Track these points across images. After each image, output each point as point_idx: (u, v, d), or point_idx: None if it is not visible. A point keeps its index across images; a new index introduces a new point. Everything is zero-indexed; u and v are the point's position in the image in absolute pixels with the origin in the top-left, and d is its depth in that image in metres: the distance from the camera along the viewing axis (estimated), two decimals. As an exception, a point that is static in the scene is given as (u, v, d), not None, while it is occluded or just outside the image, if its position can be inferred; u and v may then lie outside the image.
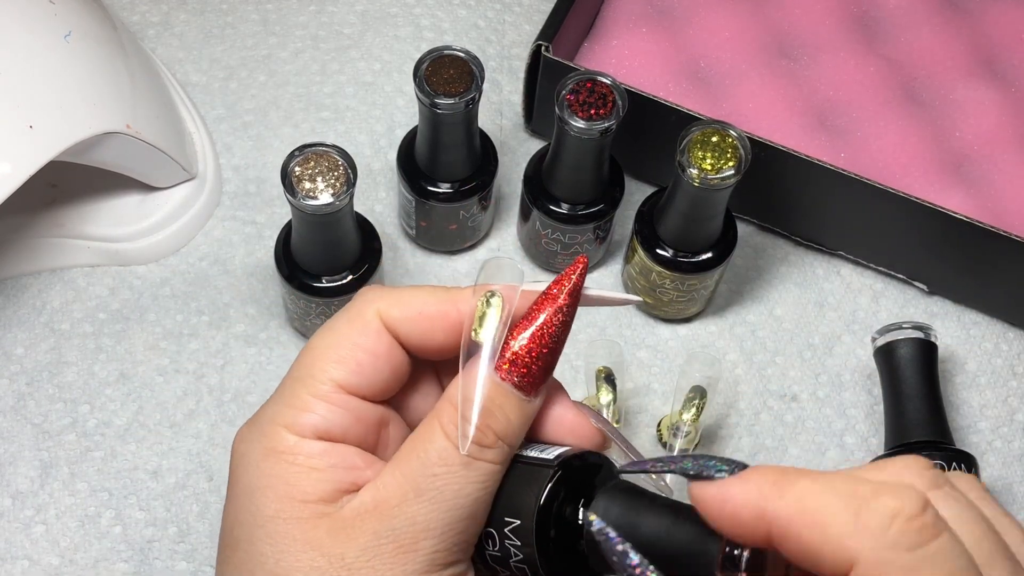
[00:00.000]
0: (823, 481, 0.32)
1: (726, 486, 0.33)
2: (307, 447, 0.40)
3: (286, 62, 0.76)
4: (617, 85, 0.61)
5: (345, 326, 0.41)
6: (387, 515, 0.38)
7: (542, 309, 0.40)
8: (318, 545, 0.38)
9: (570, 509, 0.40)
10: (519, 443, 0.41)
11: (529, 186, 0.67)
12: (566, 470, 0.40)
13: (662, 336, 0.70)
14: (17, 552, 0.63)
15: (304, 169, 0.58)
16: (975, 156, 0.72)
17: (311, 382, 0.40)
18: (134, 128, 0.63)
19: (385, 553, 0.38)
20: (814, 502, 0.32)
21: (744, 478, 0.33)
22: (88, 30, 0.64)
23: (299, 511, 0.39)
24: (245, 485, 0.40)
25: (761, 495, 0.33)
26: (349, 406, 0.40)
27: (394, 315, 0.41)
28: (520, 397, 0.40)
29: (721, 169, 0.60)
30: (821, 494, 0.32)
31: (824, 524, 0.32)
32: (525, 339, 0.40)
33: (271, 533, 0.39)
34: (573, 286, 0.40)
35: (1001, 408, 0.70)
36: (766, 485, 0.33)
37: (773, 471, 0.33)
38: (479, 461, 0.39)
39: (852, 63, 0.74)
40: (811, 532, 0.32)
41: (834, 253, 0.73)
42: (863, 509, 0.31)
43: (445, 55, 0.61)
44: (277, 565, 0.38)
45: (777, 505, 0.32)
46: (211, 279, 0.70)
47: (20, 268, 0.69)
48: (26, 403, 0.66)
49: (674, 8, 0.76)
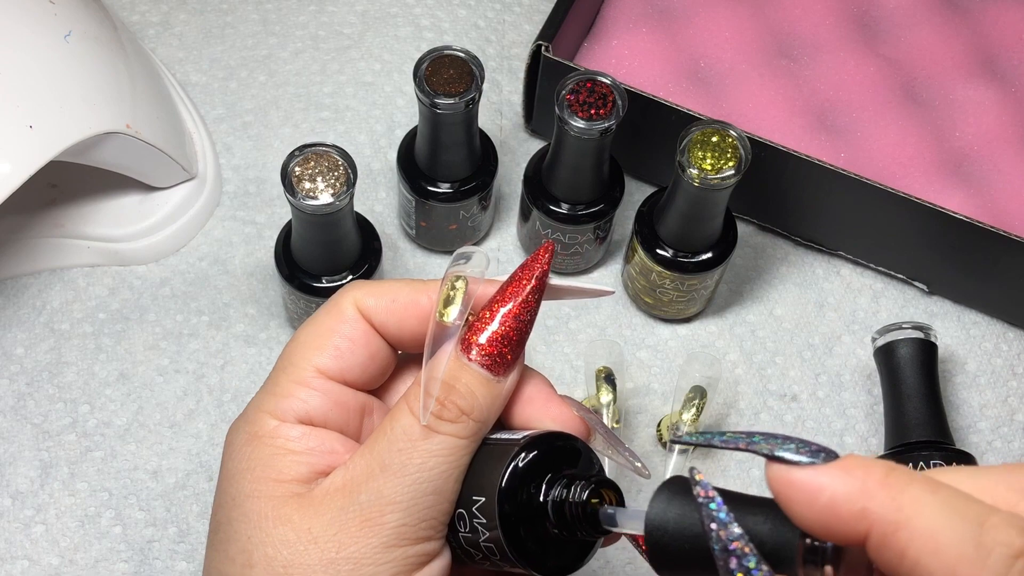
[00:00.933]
0: (942, 496, 0.30)
1: (824, 474, 0.31)
2: (287, 431, 0.41)
3: (286, 62, 0.76)
4: (617, 85, 0.61)
5: (324, 316, 0.43)
6: (354, 491, 0.40)
7: (508, 292, 0.42)
8: (287, 520, 0.39)
9: (535, 486, 0.40)
10: (489, 421, 0.41)
11: (529, 186, 0.67)
12: (532, 446, 0.40)
13: (662, 336, 0.70)
14: (17, 552, 0.63)
15: (304, 169, 0.58)
16: (975, 156, 0.72)
17: (292, 370, 0.42)
18: (134, 128, 0.63)
19: (351, 526, 0.39)
20: (931, 519, 0.29)
21: (846, 469, 0.31)
22: (88, 30, 0.64)
23: (273, 490, 0.40)
24: (229, 469, 0.42)
25: (866, 492, 0.30)
26: (329, 391, 0.42)
27: (369, 304, 0.42)
28: (487, 376, 0.41)
29: (721, 169, 0.60)
30: (940, 511, 0.29)
31: (940, 546, 0.29)
32: (490, 320, 0.41)
33: (246, 512, 0.40)
34: (540, 270, 0.42)
35: (1001, 408, 0.70)
36: (873, 482, 0.30)
37: (879, 466, 0.31)
38: (441, 435, 0.40)
39: (852, 63, 0.74)
40: (922, 549, 0.29)
41: (834, 253, 0.73)
42: (984, 540, 0.29)
43: (445, 55, 0.61)
44: (249, 541, 0.40)
45: (887, 508, 0.30)
46: (211, 279, 0.70)
47: (20, 268, 0.69)
48: (26, 403, 0.66)
49: (674, 8, 0.76)
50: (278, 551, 0.39)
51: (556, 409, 0.43)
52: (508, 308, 0.41)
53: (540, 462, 0.40)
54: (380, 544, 0.39)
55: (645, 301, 0.69)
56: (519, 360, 0.42)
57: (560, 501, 0.40)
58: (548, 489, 0.40)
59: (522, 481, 0.40)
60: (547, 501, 0.40)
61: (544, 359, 0.69)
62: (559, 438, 0.41)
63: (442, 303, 0.41)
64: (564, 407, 0.43)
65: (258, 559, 0.39)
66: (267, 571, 0.39)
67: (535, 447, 0.40)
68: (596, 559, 0.64)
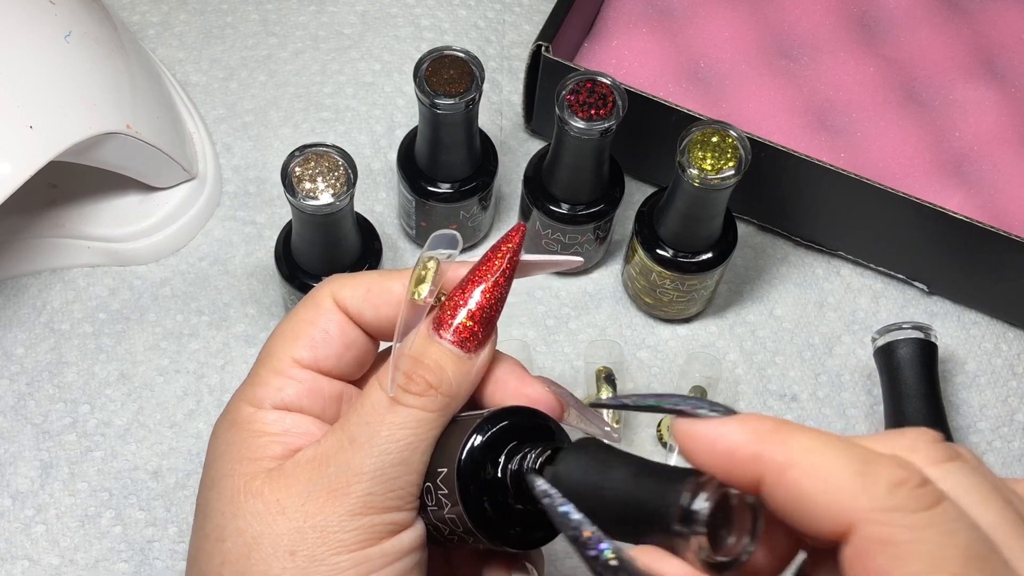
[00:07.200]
0: (824, 439, 0.32)
1: (721, 425, 0.34)
2: (262, 416, 0.42)
3: (286, 62, 0.76)
4: (617, 85, 0.61)
5: (301, 309, 0.44)
6: (323, 463, 0.41)
7: (480, 271, 0.43)
8: (258, 493, 0.41)
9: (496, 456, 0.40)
10: (459, 396, 0.42)
11: (529, 186, 0.67)
12: (495, 419, 0.41)
13: (662, 336, 0.70)
14: (17, 552, 0.63)
15: (304, 169, 0.58)
16: (975, 156, 0.72)
17: (270, 360, 0.43)
18: (134, 128, 0.63)
19: (319, 497, 0.40)
20: (817, 456, 0.32)
21: (742, 420, 0.33)
22: (88, 30, 0.64)
23: (247, 467, 0.41)
24: (209, 455, 0.43)
25: (759, 438, 0.33)
26: (305, 379, 0.43)
27: (345, 295, 0.44)
28: (457, 352, 0.42)
29: (721, 169, 0.60)
30: (824, 450, 0.32)
31: (826, 477, 0.31)
32: (462, 298, 0.42)
33: (221, 490, 0.41)
34: (511, 250, 0.43)
35: (1001, 408, 0.70)
36: (765, 430, 0.33)
37: (771, 419, 0.33)
38: (407, 407, 0.41)
39: (852, 63, 0.74)
40: (811, 482, 0.31)
41: (834, 253, 0.73)
42: (867, 472, 0.31)
43: (445, 55, 0.61)
44: (222, 516, 0.41)
45: (776, 450, 0.32)
46: (211, 279, 0.70)
47: (20, 268, 0.69)
48: (26, 403, 0.66)
49: (674, 8, 0.76)
50: (248, 523, 0.40)
51: (529, 388, 0.43)
52: (480, 287, 0.42)
53: (504, 435, 0.41)
54: (346, 512, 0.40)
55: (645, 301, 0.69)
56: (491, 339, 0.43)
57: (517, 471, 0.40)
58: (507, 460, 0.40)
59: (483, 452, 0.40)
60: (506, 471, 0.40)
61: (544, 359, 0.69)
62: (529, 415, 0.42)
63: (414, 282, 0.42)
64: (538, 386, 0.43)
65: (230, 532, 0.41)
66: (238, 543, 0.40)
67: (498, 419, 0.41)
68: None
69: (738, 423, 0.33)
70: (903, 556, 0.30)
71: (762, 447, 0.33)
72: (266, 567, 0.40)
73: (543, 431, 0.41)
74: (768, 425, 0.33)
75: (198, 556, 0.42)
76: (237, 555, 0.40)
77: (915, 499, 0.31)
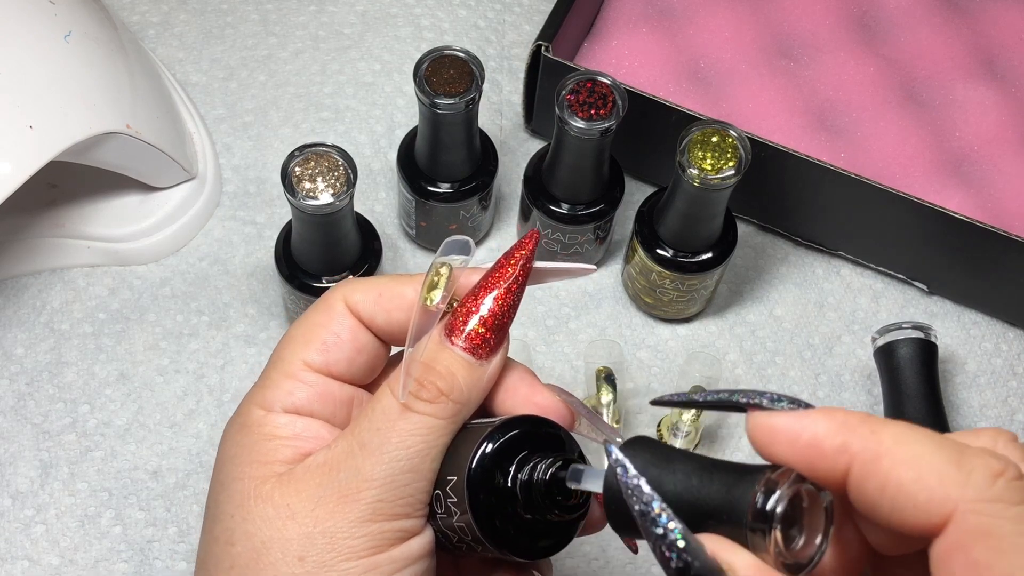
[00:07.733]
0: (916, 430, 0.31)
1: (805, 416, 0.33)
2: (273, 419, 0.42)
3: (286, 62, 0.76)
4: (617, 85, 0.61)
5: (313, 313, 0.44)
6: (333, 469, 0.41)
7: (493, 278, 0.42)
8: (268, 498, 0.41)
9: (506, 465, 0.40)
10: (470, 403, 0.42)
11: (529, 186, 0.67)
12: (506, 427, 0.40)
13: (662, 336, 0.70)
14: (17, 552, 0.63)
15: (304, 169, 0.58)
16: (975, 156, 0.72)
17: (281, 364, 0.43)
18: (134, 128, 0.63)
19: (329, 502, 0.40)
20: (912, 446, 0.31)
21: (828, 411, 0.32)
22: (88, 30, 0.64)
23: (257, 471, 0.41)
24: (219, 458, 0.43)
25: (847, 428, 0.32)
26: (316, 383, 0.43)
27: (356, 299, 0.43)
28: (469, 359, 0.42)
29: (721, 169, 0.60)
30: (918, 440, 0.31)
31: (922, 467, 0.30)
32: (474, 305, 0.42)
33: (232, 494, 0.41)
34: (524, 257, 0.43)
35: (1001, 408, 0.70)
36: (854, 421, 0.32)
37: (858, 412, 0.32)
38: (418, 414, 0.41)
39: (852, 63, 0.74)
40: (906, 472, 0.30)
41: (834, 253, 0.73)
42: (964, 462, 0.30)
43: (445, 55, 0.61)
44: (231, 519, 0.41)
45: (867, 439, 0.31)
46: (211, 279, 0.70)
47: (20, 268, 0.69)
48: (26, 403, 0.66)
49: (674, 8, 0.76)
50: (258, 528, 0.40)
51: (540, 396, 0.43)
52: (493, 294, 0.42)
53: (514, 444, 0.40)
54: (356, 519, 0.40)
55: (645, 301, 0.69)
56: (503, 346, 0.43)
57: (527, 481, 0.40)
58: (517, 470, 0.40)
59: (494, 461, 0.40)
60: (516, 481, 0.40)
61: (544, 359, 0.69)
62: (539, 424, 0.42)
63: (427, 288, 0.42)
64: (548, 394, 0.43)
65: (239, 536, 0.41)
66: (247, 547, 0.40)
67: (509, 427, 0.41)
68: (596, 559, 0.64)
69: (824, 414, 0.32)
70: (1006, 549, 0.29)
71: (851, 436, 0.32)
72: (275, 572, 0.40)
73: (553, 440, 0.41)
74: (856, 416, 0.32)
75: (206, 559, 0.42)
76: (246, 559, 0.40)
77: (1016, 491, 0.30)
